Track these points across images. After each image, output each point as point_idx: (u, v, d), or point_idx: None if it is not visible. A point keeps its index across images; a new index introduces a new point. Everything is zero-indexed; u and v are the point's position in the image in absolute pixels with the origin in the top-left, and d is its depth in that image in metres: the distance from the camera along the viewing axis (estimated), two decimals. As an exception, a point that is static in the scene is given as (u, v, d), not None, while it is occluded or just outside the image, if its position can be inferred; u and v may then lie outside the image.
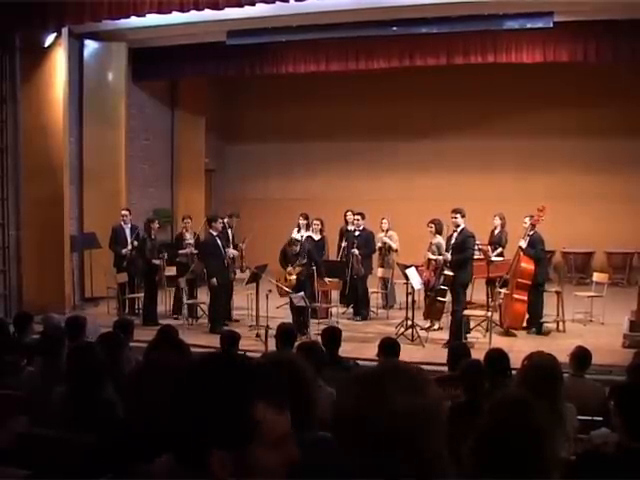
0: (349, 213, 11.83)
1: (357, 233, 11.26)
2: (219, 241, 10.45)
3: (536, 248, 9.72)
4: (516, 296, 9.73)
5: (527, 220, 9.88)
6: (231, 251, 10.92)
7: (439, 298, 9.66)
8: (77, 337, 6.06)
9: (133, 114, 13.77)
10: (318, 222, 11.49)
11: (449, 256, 9.24)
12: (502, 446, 1.92)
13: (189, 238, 11.38)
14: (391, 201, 14.59)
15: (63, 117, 11.40)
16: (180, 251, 11.23)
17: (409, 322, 9.58)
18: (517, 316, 9.79)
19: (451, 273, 9.19)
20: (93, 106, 12.75)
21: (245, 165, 17.09)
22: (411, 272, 9.68)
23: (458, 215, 9.31)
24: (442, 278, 9.40)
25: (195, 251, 11.23)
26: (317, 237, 11.41)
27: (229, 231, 11.42)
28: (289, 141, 16.58)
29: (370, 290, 11.43)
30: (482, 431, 1.99)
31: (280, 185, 16.78)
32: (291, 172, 16.72)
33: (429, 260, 10.11)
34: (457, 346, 5.79)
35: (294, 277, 10.10)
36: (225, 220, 11.50)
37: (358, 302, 11.21)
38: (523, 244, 9.76)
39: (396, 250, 11.59)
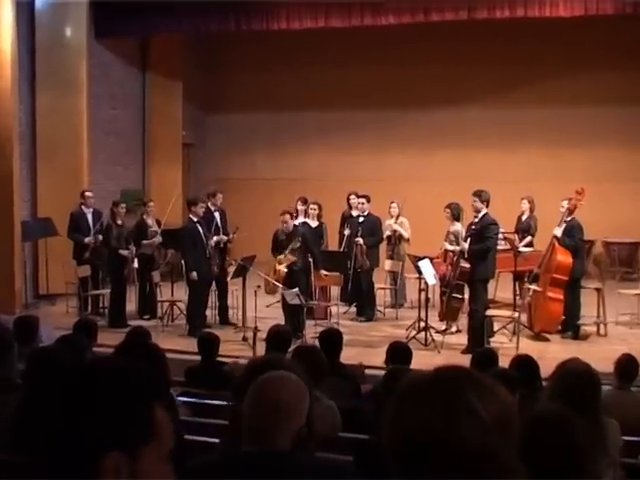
0: (352, 196, 11.83)
1: (361, 219, 11.24)
2: (200, 228, 10.41)
3: (574, 237, 9.68)
4: (551, 294, 9.68)
5: (564, 204, 9.83)
6: (216, 238, 10.82)
7: (455, 295, 9.64)
8: (28, 341, 6.02)
9: (96, 77, 13.68)
10: (315, 206, 11.47)
11: (466, 246, 9.22)
12: (536, 469, 1.89)
13: (152, 225, 11.34)
14: (401, 182, 14.54)
15: (11, 80, 11.29)
16: (143, 241, 11.17)
17: (422, 324, 9.57)
18: (552, 318, 9.76)
19: (468, 265, 9.17)
20: (47, 67, 12.64)
21: (230, 139, 17.03)
22: (425, 265, 9.65)
23: (479, 199, 9.26)
24: (458, 271, 9.38)
25: (160, 240, 11.20)
26: (314, 224, 11.38)
27: (217, 214, 11.18)
28: (281, 111, 16.51)
29: (376, 286, 11.42)
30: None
31: (271, 162, 16.72)
32: (284, 147, 16.66)
33: (446, 251, 10.11)
34: (482, 352, 5.77)
35: (284, 268, 9.99)
36: (217, 200, 11.25)
37: (362, 300, 11.20)
38: (558, 232, 9.71)
39: (407, 239, 11.58)
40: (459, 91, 15.29)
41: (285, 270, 9.95)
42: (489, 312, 9.46)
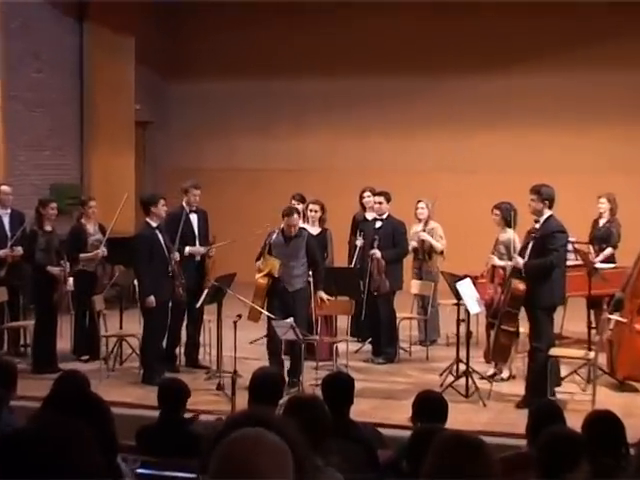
0: (367, 193, 11.89)
1: (379, 224, 11.30)
2: (160, 236, 10.40)
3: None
4: (639, 327, 9.69)
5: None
6: (189, 249, 10.84)
7: (507, 327, 9.60)
8: None
9: (14, 30, 13.73)
10: (317, 207, 11.49)
11: (521, 261, 9.18)
12: None
13: (94, 233, 11.33)
14: (432, 173, 14.58)
15: None
16: (82, 254, 11.16)
17: (462, 367, 9.58)
18: (641, 360, 9.77)
19: (523, 286, 9.13)
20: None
21: (202, 116, 17.09)
22: (465, 287, 9.66)
23: (538, 197, 9.25)
24: (510, 295, 9.35)
25: (105, 252, 11.18)
26: (315, 230, 11.37)
27: (193, 217, 11.18)
28: (272, 79, 16.59)
29: (399, 316, 11.44)
30: None
31: (257, 148, 16.78)
32: (274, 127, 16.73)
33: (494, 268, 10.10)
34: (543, 407, 5.74)
35: (264, 276, 9.96)
36: (192, 197, 11.17)
37: (380, 335, 11.22)
38: (649, 243, 9.74)
39: (441, 252, 11.63)
40: (509, 50, 15.37)
41: (264, 282, 9.93)
42: (554, 351, 9.43)
